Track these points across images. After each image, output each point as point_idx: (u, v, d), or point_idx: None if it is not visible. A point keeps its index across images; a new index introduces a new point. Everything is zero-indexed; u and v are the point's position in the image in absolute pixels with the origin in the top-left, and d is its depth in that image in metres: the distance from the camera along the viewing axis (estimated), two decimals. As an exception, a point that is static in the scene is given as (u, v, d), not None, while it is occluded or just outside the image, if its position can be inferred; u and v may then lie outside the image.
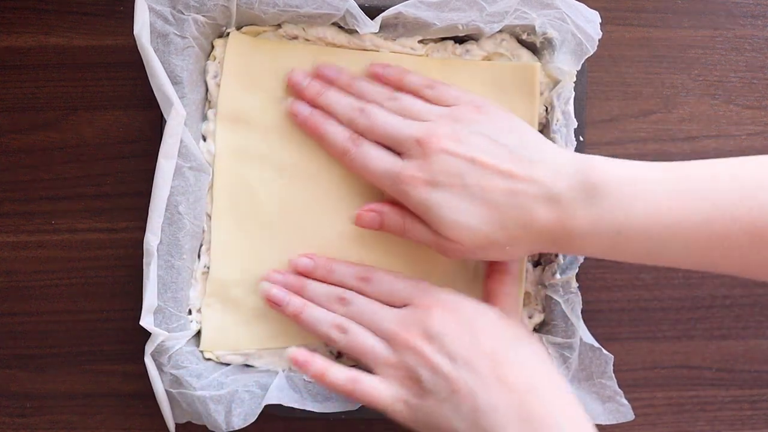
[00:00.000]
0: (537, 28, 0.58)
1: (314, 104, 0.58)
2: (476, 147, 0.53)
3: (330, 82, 0.58)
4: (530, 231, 0.52)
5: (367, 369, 0.53)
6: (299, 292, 0.56)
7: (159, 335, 0.54)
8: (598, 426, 0.60)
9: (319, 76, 0.58)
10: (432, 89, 0.56)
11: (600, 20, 0.58)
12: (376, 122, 0.56)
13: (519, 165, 0.52)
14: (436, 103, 0.56)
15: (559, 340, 0.57)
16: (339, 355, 0.58)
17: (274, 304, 0.56)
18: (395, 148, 0.55)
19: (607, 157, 0.52)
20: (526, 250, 0.54)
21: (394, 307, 0.55)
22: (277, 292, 0.56)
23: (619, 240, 0.50)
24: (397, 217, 0.55)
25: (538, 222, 0.51)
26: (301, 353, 0.54)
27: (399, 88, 0.57)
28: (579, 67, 0.58)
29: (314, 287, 0.56)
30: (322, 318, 0.55)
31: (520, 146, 0.53)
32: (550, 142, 0.54)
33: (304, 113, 0.58)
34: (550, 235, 0.51)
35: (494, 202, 0.52)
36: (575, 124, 0.58)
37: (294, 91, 0.59)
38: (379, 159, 0.55)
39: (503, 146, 0.52)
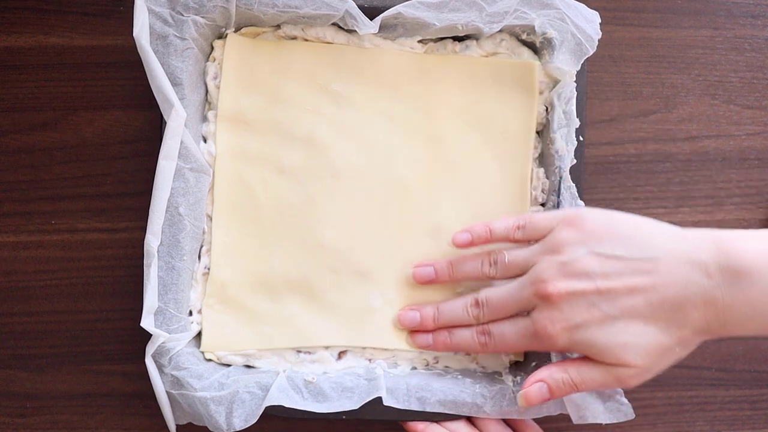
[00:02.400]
0: (537, 28, 0.58)
1: (435, 329, 0.58)
2: (592, 273, 0.51)
3: (433, 281, 0.58)
4: (691, 326, 0.50)
5: None
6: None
7: (160, 336, 0.54)
8: (599, 426, 0.60)
9: (428, 313, 0.58)
10: (521, 230, 0.55)
11: (600, 20, 0.58)
12: (493, 306, 0.55)
13: (642, 273, 0.50)
14: (529, 242, 0.55)
15: (559, 340, 0.57)
16: (339, 357, 0.59)
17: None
18: (523, 311, 0.54)
19: (729, 231, 0.50)
20: (695, 343, 0.52)
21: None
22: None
23: None
24: (563, 374, 0.53)
25: (695, 318, 0.50)
26: None
27: (490, 242, 0.56)
28: (578, 67, 0.58)
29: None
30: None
31: (632, 248, 0.51)
32: (660, 224, 0.52)
33: (427, 342, 0.58)
34: (709, 327, 0.50)
35: (642, 315, 0.50)
36: (577, 123, 0.58)
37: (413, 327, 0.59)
38: (512, 332, 0.54)
39: (617, 259, 0.51)
